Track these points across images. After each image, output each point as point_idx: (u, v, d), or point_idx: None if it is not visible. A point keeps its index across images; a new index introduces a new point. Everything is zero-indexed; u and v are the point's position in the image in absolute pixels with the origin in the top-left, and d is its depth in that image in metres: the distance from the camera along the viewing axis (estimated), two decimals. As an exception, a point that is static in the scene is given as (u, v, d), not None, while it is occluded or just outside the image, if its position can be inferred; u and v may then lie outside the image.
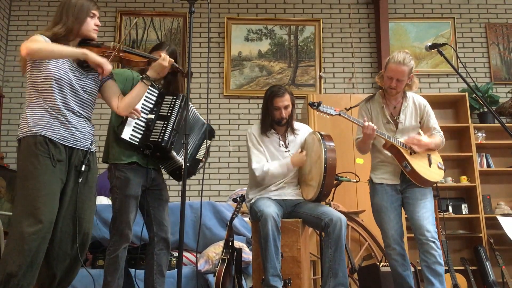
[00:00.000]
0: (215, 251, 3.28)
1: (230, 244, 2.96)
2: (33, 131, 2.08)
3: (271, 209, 2.66)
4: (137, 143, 2.51)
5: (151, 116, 2.56)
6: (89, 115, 2.28)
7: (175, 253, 3.39)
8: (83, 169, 2.17)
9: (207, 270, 3.23)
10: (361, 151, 2.93)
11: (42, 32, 2.18)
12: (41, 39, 2.12)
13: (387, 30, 5.09)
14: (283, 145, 3.01)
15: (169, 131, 2.52)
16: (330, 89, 5.13)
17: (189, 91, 2.36)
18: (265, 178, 2.89)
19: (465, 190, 4.82)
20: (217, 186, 4.88)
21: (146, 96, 2.56)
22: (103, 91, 2.36)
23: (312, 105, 2.73)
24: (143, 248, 2.84)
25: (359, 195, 4.24)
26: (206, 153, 2.87)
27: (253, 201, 2.92)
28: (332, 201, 3.43)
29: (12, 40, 5.07)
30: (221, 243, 3.13)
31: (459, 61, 4.94)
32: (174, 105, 2.58)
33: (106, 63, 2.17)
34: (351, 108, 2.93)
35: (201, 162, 2.85)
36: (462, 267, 4.25)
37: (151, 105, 2.59)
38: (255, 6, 5.28)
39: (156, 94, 2.64)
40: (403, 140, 2.80)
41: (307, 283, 2.93)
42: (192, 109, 2.71)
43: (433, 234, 2.65)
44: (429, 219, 2.69)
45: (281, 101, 2.93)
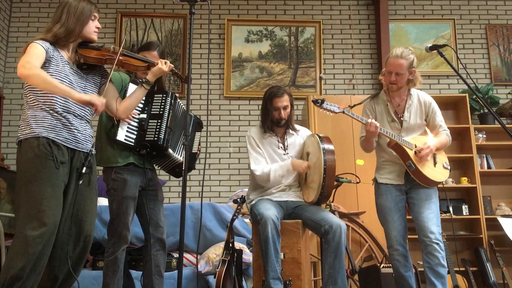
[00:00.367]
0: (215, 252, 3.28)
1: (230, 245, 2.96)
2: (36, 132, 2.06)
3: (271, 212, 2.66)
4: (132, 144, 2.51)
5: (143, 115, 2.56)
6: (89, 117, 2.28)
7: (176, 254, 3.40)
8: (84, 171, 2.16)
9: (208, 271, 3.23)
10: (366, 150, 2.91)
11: (42, 35, 2.16)
12: (38, 51, 2.07)
13: (387, 31, 5.09)
14: (281, 147, 3.01)
15: (163, 129, 2.52)
16: (330, 90, 5.14)
17: (189, 92, 2.36)
18: (265, 179, 2.88)
19: (465, 191, 4.81)
20: (218, 187, 4.88)
21: None
22: (101, 94, 2.36)
23: (315, 102, 2.71)
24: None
25: (359, 196, 4.24)
26: (199, 145, 2.90)
27: (253, 202, 2.91)
28: (332, 202, 3.43)
29: (12, 41, 5.07)
30: (222, 244, 3.13)
31: (459, 62, 4.93)
32: (165, 103, 2.57)
33: (97, 100, 2.08)
34: (354, 106, 2.87)
35: (197, 154, 2.90)
36: (462, 268, 4.24)
37: (141, 105, 2.57)
38: (256, 7, 5.28)
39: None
40: (411, 140, 2.76)
41: (308, 284, 2.92)
42: (179, 103, 2.71)
43: (437, 235, 2.64)
44: (433, 221, 2.68)
45: (280, 102, 2.93)
